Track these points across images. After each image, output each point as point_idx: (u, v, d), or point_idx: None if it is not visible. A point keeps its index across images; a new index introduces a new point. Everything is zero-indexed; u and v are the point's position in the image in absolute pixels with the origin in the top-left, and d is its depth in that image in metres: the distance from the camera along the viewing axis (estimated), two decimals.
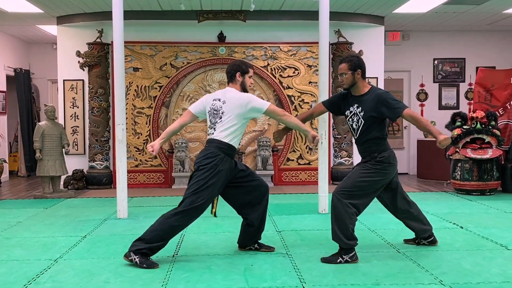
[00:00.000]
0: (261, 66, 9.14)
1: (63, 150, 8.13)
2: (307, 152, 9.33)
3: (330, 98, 4.81)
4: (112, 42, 6.87)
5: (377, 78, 9.25)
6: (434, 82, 11.01)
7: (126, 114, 7.13)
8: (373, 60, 9.01)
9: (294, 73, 9.24)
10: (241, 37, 9.18)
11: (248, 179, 4.43)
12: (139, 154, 9.11)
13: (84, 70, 8.99)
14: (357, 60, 4.32)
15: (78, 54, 8.88)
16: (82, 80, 9.12)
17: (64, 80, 9.15)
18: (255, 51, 9.19)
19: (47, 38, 10.92)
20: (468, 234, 5.23)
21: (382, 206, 4.66)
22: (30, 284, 3.77)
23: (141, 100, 9.10)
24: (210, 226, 5.56)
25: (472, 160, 7.72)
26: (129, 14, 7.96)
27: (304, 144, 9.30)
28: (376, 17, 9.30)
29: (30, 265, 4.26)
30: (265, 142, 8.85)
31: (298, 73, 9.24)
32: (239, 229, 4.64)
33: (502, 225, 5.68)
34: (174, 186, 8.96)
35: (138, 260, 4.12)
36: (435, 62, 11.00)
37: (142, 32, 9.04)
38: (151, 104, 9.11)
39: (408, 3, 8.42)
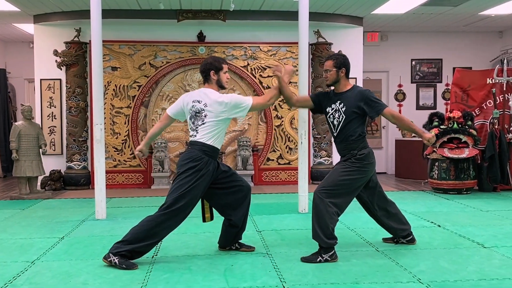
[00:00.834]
0: (241, 66, 9.14)
1: (40, 150, 8.01)
2: (287, 152, 9.36)
3: (316, 92, 4.88)
4: (90, 41, 6.79)
5: (356, 78, 9.32)
6: (411, 83, 11.14)
7: (104, 114, 7.05)
8: (351, 60, 8.74)
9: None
10: (221, 36, 9.16)
11: (230, 180, 4.42)
12: (118, 154, 9.03)
13: (61, 69, 8.88)
14: (342, 58, 4.46)
15: (56, 53, 8.76)
16: (60, 79, 9.01)
17: (41, 79, 9.03)
18: (235, 51, 9.18)
19: (24, 37, 10.76)
20: (445, 233, 5.30)
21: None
22: (6, 286, 3.70)
23: (119, 99, 9.02)
24: (190, 227, 5.54)
25: (449, 159, 7.83)
26: (107, 13, 7.90)
27: (284, 144, 9.33)
28: (355, 18, 9.37)
29: (7, 267, 4.19)
30: (245, 142, 8.86)
31: None
32: (220, 229, 4.63)
33: (478, 223, 5.77)
34: (153, 187, 8.90)
35: (117, 260, 4.08)
36: (413, 63, 11.13)
37: (121, 31, 8.96)
38: (130, 103, 9.03)
39: (386, 4, 8.50)
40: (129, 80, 9.02)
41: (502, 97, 8.29)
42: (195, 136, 4.27)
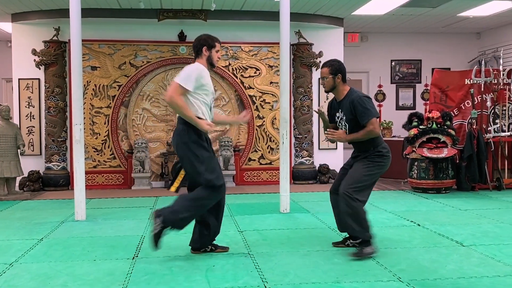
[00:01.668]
0: (222, 66, 9.12)
1: (18, 150, 7.90)
2: (269, 152, 9.37)
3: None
4: (69, 40, 6.71)
5: None
6: (391, 83, 11.26)
7: (84, 113, 6.99)
8: None
9: (255, 73, 9.26)
10: None
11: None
12: (98, 154, 8.94)
13: (40, 68, 8.77)
14: (338, 64, 4.49)
15: (34, 52, 8.65)
16: (38, 79, 8.88)
17: (19, 79, 8.89)
18: None
19: (1, 36, 10.59)
20: (425, 232, 5.36)
21: None
22: None
23: (99, 99, 8.93)
24: None
25: (428, 159, 7.91)
26: (86, 12, 7.82)
27: (265, 144, 9.33)
28: (335, 18, 9.42)
29: None
30: (226, 142, 8.84)
31: (260, 73, 9.27)
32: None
33: (457, 222, 5.85)
34: (133, 187, 8.83)
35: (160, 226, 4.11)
36: (393, 64, 11.25)
37: (100, 30, 8.88)
38: (110, 103, 8.95)
39: (366, 5, 8.57)
40: (109, 79, 8.94)
41: (480, 97, 8.42)
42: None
